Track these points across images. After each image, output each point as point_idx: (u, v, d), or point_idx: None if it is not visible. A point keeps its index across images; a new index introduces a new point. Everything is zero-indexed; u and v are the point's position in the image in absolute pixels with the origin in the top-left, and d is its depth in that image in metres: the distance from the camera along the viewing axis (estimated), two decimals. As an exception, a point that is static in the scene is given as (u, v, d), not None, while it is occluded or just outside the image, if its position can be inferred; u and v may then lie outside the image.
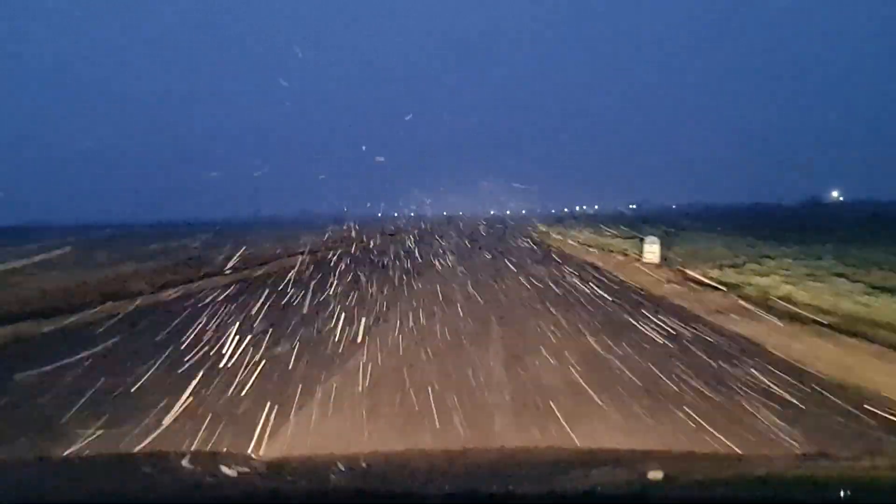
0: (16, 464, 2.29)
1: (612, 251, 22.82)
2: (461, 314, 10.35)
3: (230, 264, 17.81)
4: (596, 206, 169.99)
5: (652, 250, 17.75)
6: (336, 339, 8.18)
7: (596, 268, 18.13)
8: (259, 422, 5.01)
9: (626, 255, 20.72)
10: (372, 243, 31.92)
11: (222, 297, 12.00)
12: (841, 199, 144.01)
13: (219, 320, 9.50)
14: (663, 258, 17.66)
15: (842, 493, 1.39)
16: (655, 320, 9.36)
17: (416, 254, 24.67)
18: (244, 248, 21.37)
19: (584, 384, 6.04)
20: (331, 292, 12.88)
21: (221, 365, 6.84)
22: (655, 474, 1.73)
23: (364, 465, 1.93)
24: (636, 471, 1.79)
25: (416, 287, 14.13)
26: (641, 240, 19.01)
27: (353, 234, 35.44)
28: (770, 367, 6.64)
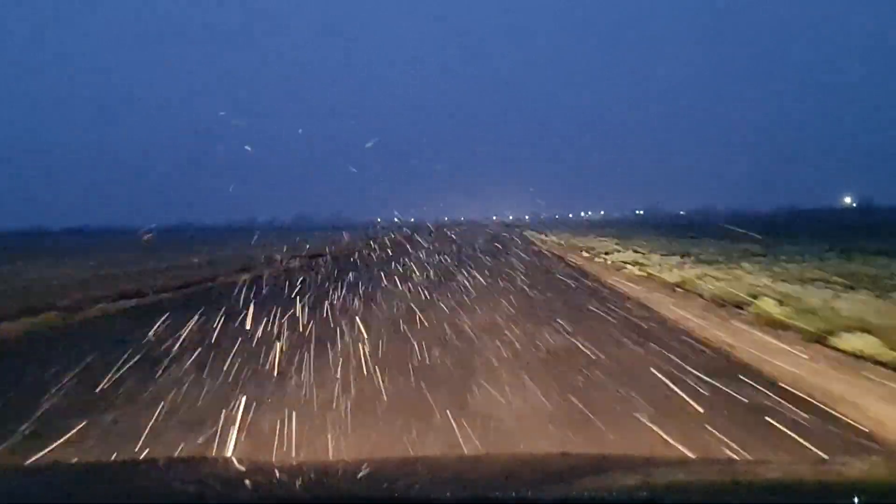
0: (11, 470, 2.43)
1: None
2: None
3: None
4: (601, 212, 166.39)
5: None
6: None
7: None
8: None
9: None
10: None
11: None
12: (854, 204, 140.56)
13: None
14: None
15: (855, 500, 1.39)
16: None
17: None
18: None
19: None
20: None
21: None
22: (667, 481, 1.69)
23: (368, 470, 1.82)
24: (647, 478, 1.72)
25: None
26: None
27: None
28: None
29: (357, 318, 9.56)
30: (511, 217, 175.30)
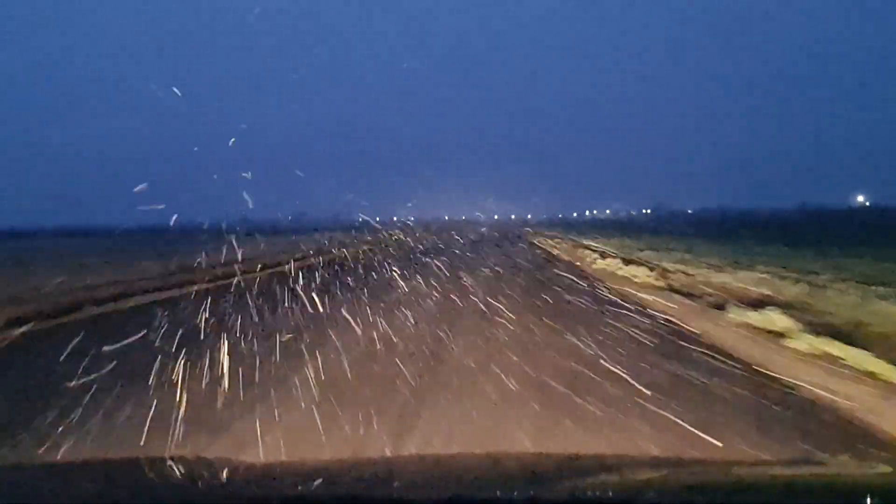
0: (11, 469, 2.46)
1: None
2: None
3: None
4: (607, 211, 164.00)
5: None
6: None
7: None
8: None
9: None
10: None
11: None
12: (867, 203, 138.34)
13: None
14: None
15: (833, 500, 1.41)
16: None
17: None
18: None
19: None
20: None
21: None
22: (643, 480, 1.71)
23: (351, 471, 1.93)
24: (624, 477, 1.76)
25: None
26: None
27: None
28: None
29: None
30: (513, 216, 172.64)
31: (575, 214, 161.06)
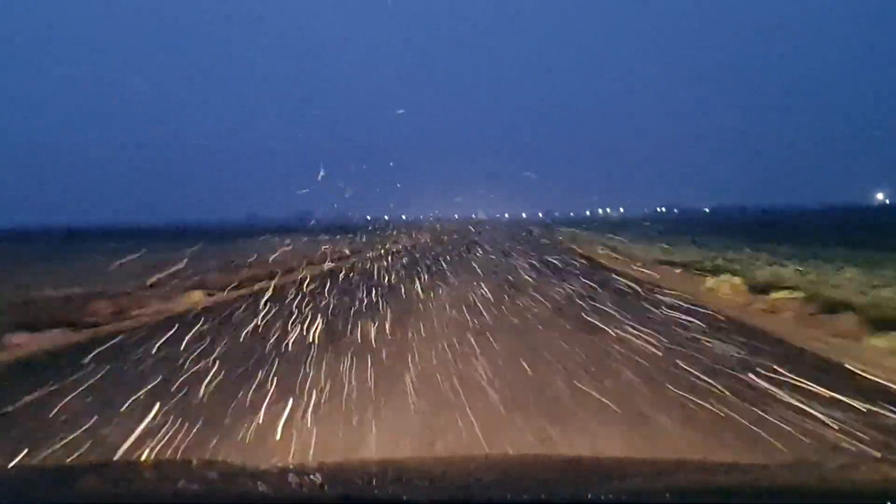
0: (15, 470, 2.56)
1: None
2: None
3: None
4: (621, 209, 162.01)
5: None
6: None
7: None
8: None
9: None
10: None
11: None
12: (887, 201, 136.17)
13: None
14: None
15: (833, 503, 1.39)
16: None
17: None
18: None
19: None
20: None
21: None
22: (645, 483, 1.69)
23: (354, 473, 1.94)
24: (626, 480, 1.74)
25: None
26: None
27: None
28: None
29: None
30: (524, 215, 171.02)
31: (588, 213, 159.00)
